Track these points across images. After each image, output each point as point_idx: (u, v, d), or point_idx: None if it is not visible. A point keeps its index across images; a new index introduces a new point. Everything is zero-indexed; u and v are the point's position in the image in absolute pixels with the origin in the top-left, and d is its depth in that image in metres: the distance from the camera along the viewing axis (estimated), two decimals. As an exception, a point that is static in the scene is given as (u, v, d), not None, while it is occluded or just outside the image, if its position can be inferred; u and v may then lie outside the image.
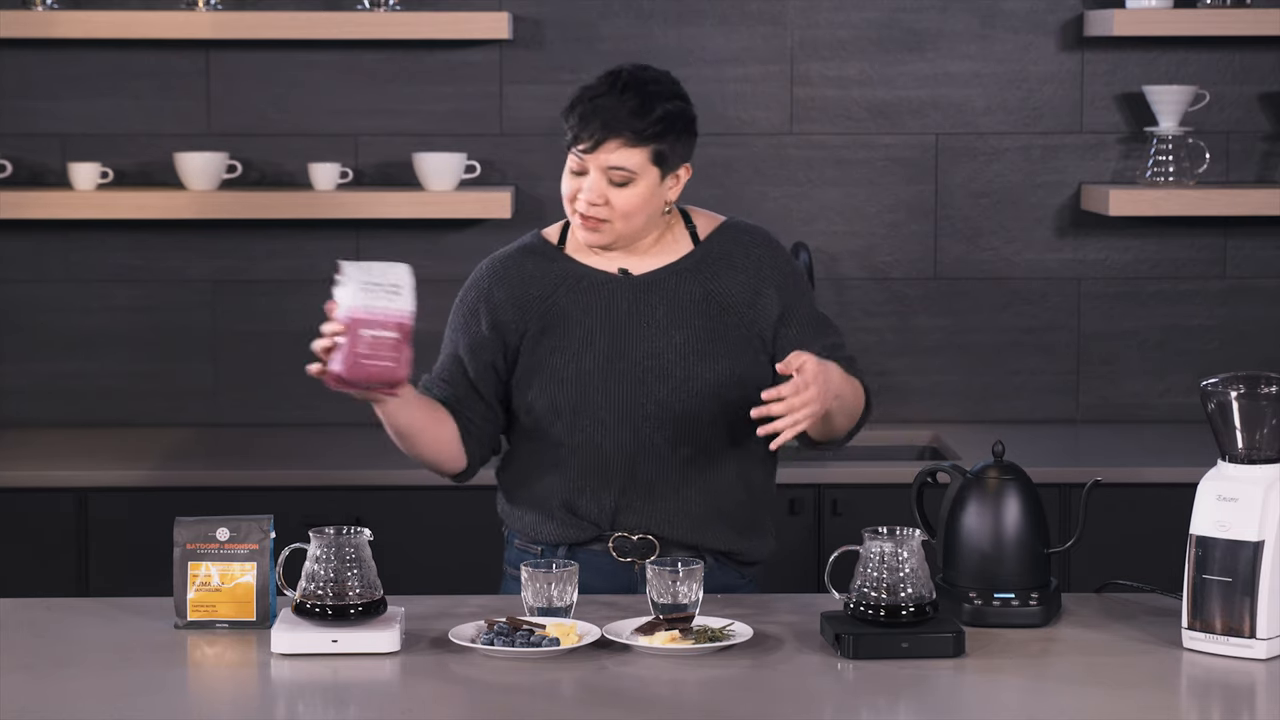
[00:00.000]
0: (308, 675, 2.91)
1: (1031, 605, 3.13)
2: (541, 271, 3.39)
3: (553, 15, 5.01)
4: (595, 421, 3.33)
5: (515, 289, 3.38)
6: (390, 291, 3.08)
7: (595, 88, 3.28)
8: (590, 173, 3.29)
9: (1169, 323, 5.11)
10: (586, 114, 3.26)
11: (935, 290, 5.10)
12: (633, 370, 3.33)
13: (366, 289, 3.07)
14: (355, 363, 3.08)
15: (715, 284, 3.37)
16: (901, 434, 5.01)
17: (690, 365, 3.33)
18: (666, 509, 3.36)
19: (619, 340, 3.34)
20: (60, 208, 4.84)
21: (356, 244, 5.02)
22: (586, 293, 3.37)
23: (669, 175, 3.32)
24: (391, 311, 3.08)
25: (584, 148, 3.27)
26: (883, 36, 5.05)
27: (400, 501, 4.49)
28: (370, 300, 3.07)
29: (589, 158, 3.27)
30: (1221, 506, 2.96)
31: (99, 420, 5.04)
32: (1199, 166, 4.98)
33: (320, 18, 4.84)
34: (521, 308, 3.37)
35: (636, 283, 3.37)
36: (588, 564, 3.33)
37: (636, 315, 3.35)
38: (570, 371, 3.33)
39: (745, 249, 3.41)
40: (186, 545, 3.12)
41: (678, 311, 3.35)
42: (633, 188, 3.28)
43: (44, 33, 4.83)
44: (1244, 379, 2.98)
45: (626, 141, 3.26)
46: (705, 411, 3.34)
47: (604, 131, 3.25)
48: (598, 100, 3.26)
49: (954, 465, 3.25)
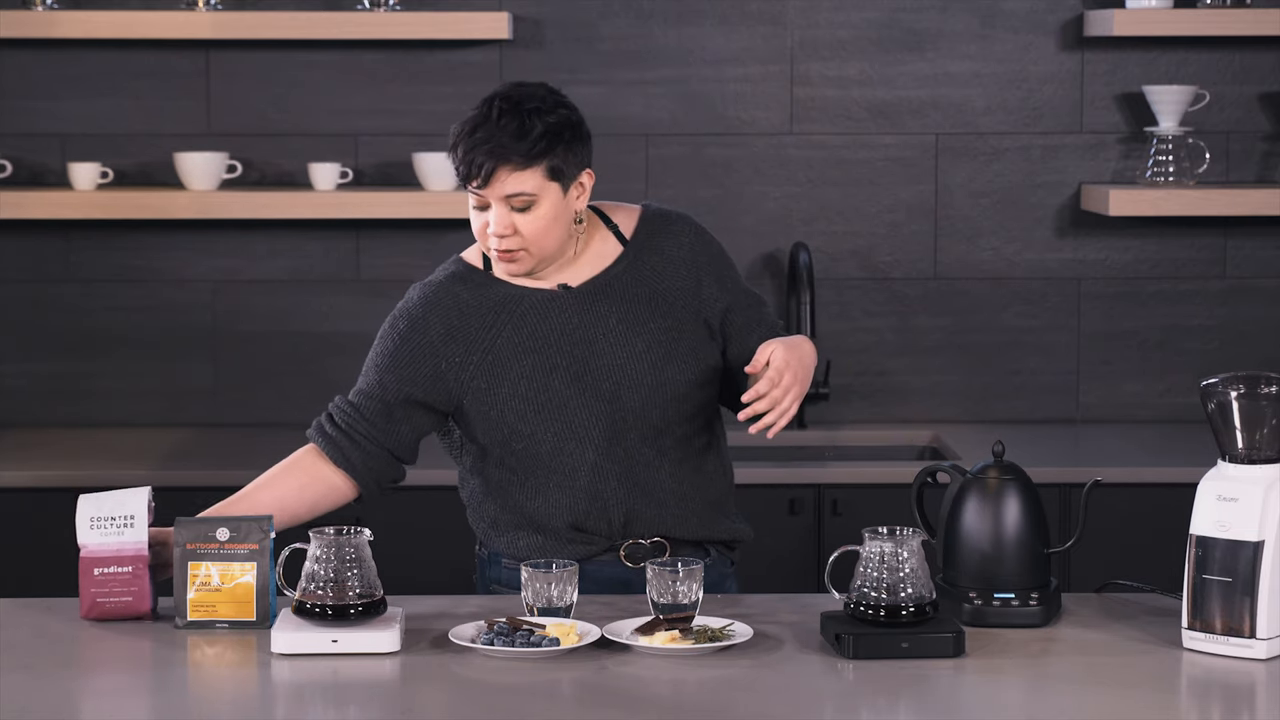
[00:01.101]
0: (308, 675, 2.91)
1: (1031, 605, 3.13)
2: (477, 300, 3.31)
3: (553, 15, 5.01)
4: (582, 441, 3.29)
5: (453, 321, 3.30)
6: (122, 525, 3.15)
7: (472, 120, 3.21)
8: (492, 206, 3.22)
9: (1169, 323, 5.11)
10: (469, 149, 3.18)
11: (935, 290, 5.10)
12: (603, 384, 3.29)
13: (97, 525, 3.15)
14: (92, 603, 3.14)
15: (657, 281, 3.34)
16: (901, 434, 5.01)
17: (657, 371, 3.30)
18: (673, 511, 3.35)
19: (582, 358, 3.29)
20: (60, 208, 4.84)
21: (356, 243, 5.02)
22: (532, 315, 3.30)
23: (571, 186, 3.25)
24: (125, 545, 3.14)
25: (477, 184, 3.20)
26: (883, 36, 5.05)
27: (400, 501, 4.48)
28: (102, 538, 3.15)
29: (485, 191, 3.20)
30: (1221, 506, 2.96)
31: (99, 420, 5.04)
32: (1199, 166, 4.98)
33: (320, 18, 4.84)
34: (464, 342, 3.29)
35: (580, 295, 3.31)
36: (596, 575, 3.32)
37: (590, 328, 3.30)
38: (544, 400, 3.28)
39: (675, 238, 3.37)
40: (186, 545, 3.12)
41: (630, 317, 3.31)
42: (537, 210, 3.21)
43: (44, 33, 4.83)
44: (1244, 379, 2.98)
45: (516, 166, 3.18)
46: (681, 411, 3.34)
47: (491, 161, 3.17)
48: (477, 133, 3.18)
49: (954, 465, 3.25)
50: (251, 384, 5.06)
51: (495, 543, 3.40)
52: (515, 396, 3.28)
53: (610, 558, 3.36)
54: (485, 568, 3.44)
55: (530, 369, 3.28)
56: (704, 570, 3.07)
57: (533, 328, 3.29)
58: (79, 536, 3.15)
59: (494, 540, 3.40)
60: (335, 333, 5.05)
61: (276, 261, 5.04)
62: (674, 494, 3.35)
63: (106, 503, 3.17)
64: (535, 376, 3.28)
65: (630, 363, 3.30)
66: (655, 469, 3.34)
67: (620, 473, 3.32)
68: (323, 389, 5.01)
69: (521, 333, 3.29)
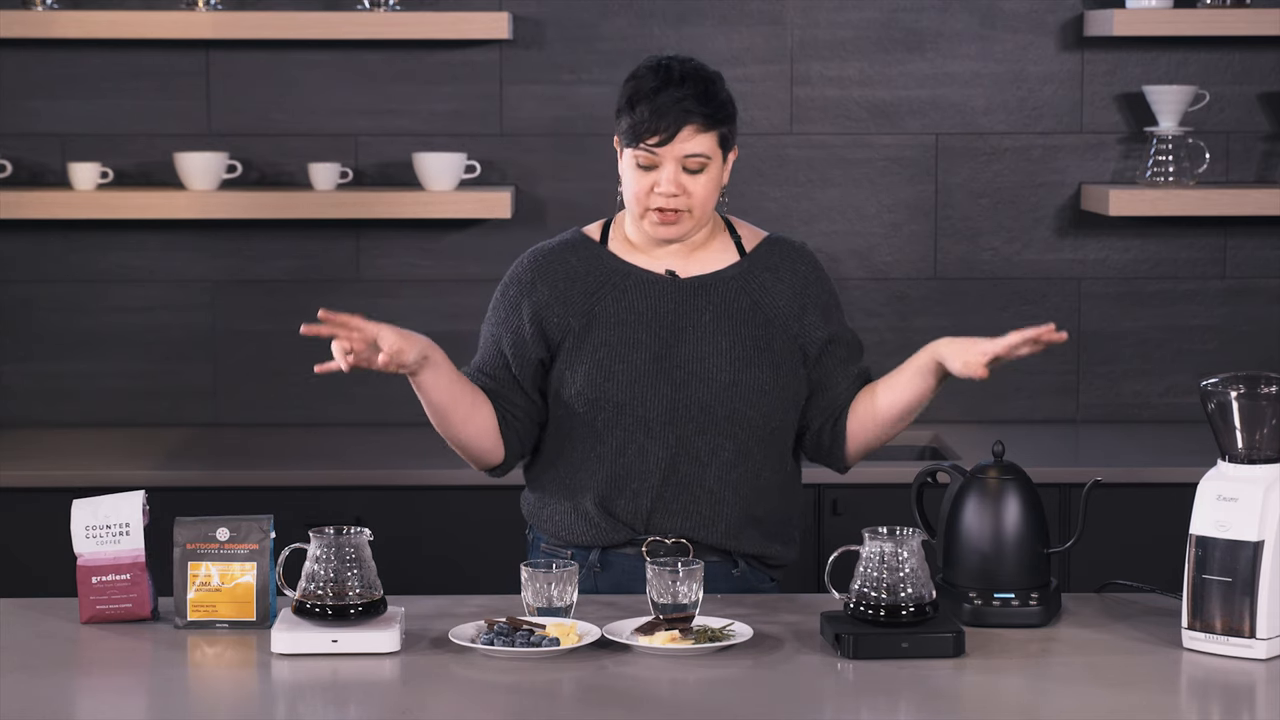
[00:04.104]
0: (308, 675, 2.91)
1: (1031, 605, 3.13)
2: (586, 268, 3.40)
3: (553, 15, 5.01)
4: (638, 420, 3.33)
5: (559, 284, 3.38)
6: (118, 533, 3.17)
7: (651, 80, 3.30)
8: (664, 165, 3.30)
9: (1169, 323, 5.11)
10: (659, 107, 3.28)
11: (935, 290, 5.10)
12: (678, 371, 3.34)
13: (92, 534, 3.17)
14: (93, 610, 3.15)
15: (763, 295, 3.39)
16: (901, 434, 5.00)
17: (736, 371, 3.34)
18: (703, 513, 3.36)
19: (665, 341, 3.35)
20: (60, 208, 4.84)
21: (356, 243, 5.02)
22: (633, 291, 3.38)
23: (729, 157, 3.37)
24: (122, 554, 3.16)
25: (658, 140, 3.28)
26: (883, 36, 5.05)
27: (400, 501, 4.49)
28: (98, 546, 3.16)
29: (664, 150, 3.29)
30: (1221, 506, 2.96)
31: (99, 420, 5.04)
32: (1199, 166, 4.98)
33: (320, 18, 4.84)
34: (566, 303, 3.37)
35: (684, 285, 3.39)
36: (620, 567, 3.33)
37: (683, 317, 3.36)
38: (617, 369, 3.34)
39: (791, 264, 3.44)
40: (186, 545, 3.12)
41: (725, 317, 3.37)
42: (706, 173, 3.32)
43: (44, 33, 4.83)
44: (1244, 379, 2.98)
45: (699, 128, 3.29)
46: (746, 417, 3.35)
47: (679, 120, 3.28)
48: (664, 92, 3.28)
49: (954, 465, 3.25)
50: (251, 384, 5.06)
51: (538, 519, 3.44)
52: (593, 362, 3.34)
53: (635, 551, 3.36)
54: (530, 552, 3.48)
55: (615, 340, 3.35)
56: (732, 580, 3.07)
57: (630, 303, 3.37)
58: (75, 545, 3.16)
59: (536, 518, 3.45)
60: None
61: (276, 261, 5.04)
62: (711, 496, 3.36)
63: (101, 509, 3.17)
64: (617, 347, 3.35)
65: (710, 358, 3.35)
66: (702, 466, 3.35)
67: (664, 461, 3.33)
68: (323, 389, 5.02)
69: (620, 305, 3.37)
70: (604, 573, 3.36)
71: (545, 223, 4.98)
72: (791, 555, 3.46)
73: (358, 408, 5.05)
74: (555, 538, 3.41)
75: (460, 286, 5.04)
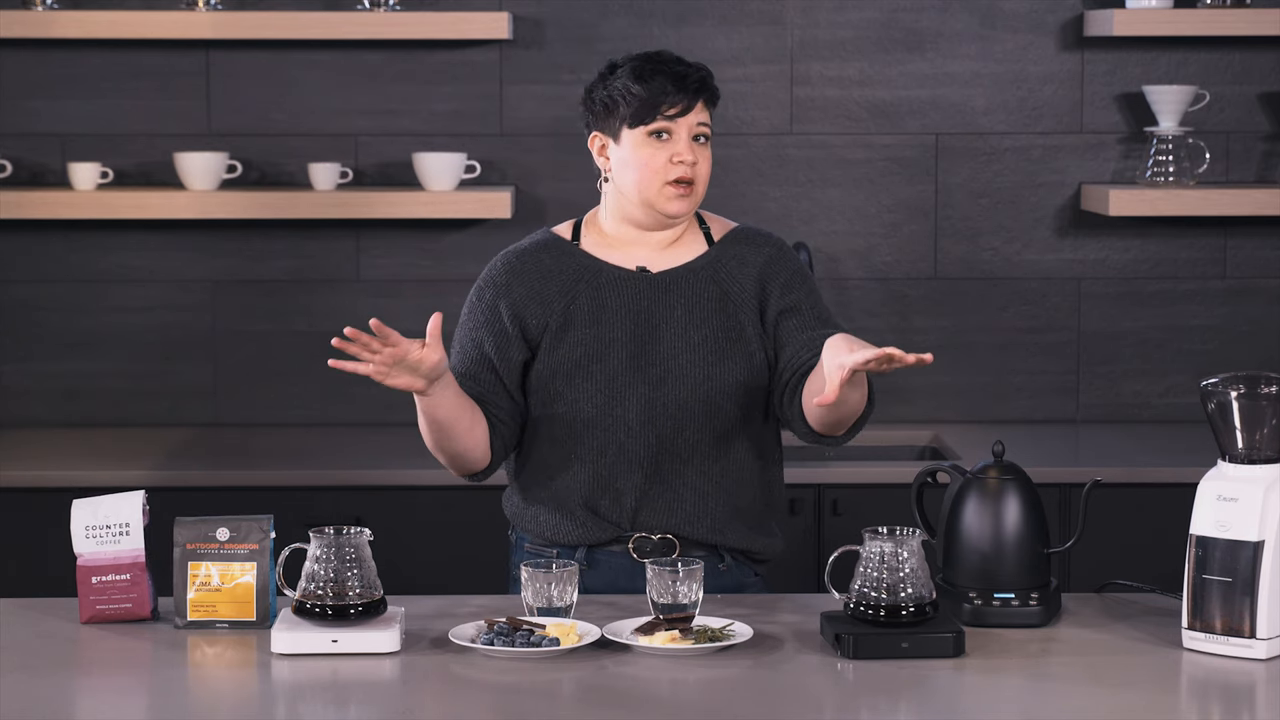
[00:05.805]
0: (308, 675, 2.91)
1: (1031, 605, 3.13)
2: (559, 266, 3.41)
3: (553, 15, 5.01)
4: (617, 420, 3.34)
5: (534, 283, 3.40)
6: (118, 533, 3.17)
7: (651, 61, 3.35)
8: (677, 135, 3.34)
9: (1169, 323, 5.11)
10: (676, 76, 3.33)
11: (935, 290, 5.10)
12: (654, 370, 3.35)
13: (92, 534, 3.17)
14: (93, 610, 3.15)
15: (731, 284, 3.40)
16: (901, 434, 5.01)
17: (709, 366, 3.35)
18: (688, 509, 3.36)
19: (640, 339, 3.36)
20: (60, 208, 4.84)
21: (356, 243, 5.02)
22: (607, 289, 3.39)
23: None
24: (122, 554, 3.16)
25: (678, 110, 3.33)
26: (883, 36, 5.05)
27: (400, 501, 4.49)
28: (98, 547, 3.16)
29: (682, 119, 3.33)
30: (1221, 506, 2.96)
31: (99, 420, 5.04)
32: (1199, 166, 4.98)
33: (320, 18, 4.84)
34: (542, 301, 3.39)
35: (655, 280, 3.40)
36: (607, 565, 3.34)
37: (657, 314, 3.38)
38: (595, 369, 3.35)
39: (756, 248, 3.45)
40: (186, 545, 3.12)
41: (695, 310, 3.38)
42: (709, 147, 3.39)
43: (44, 33, 4.83)
44: (1244, 379, 2.98)
45: (708, 101, 3.38)
46: (724, 410, 3.36)
47: (695, 92, 3.34)
48: (675, 67, 3.35)
49: (954, 465, 3.25)
50: (251, 384, 5.06)
51: (522, 520, 3.44)
52: (570, 360, 3.35)
53: (621, 549, 3.37)
54: (513, 552, 3.48)
55: (591, 338, 3.36)
56: (720, 575, 3.07)
57: (604, 301, 3.38)
58: (75, 545, 3.16)
59: (519, 518, 3.44)
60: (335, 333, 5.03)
61: (276, 261, 5.04)
62: (694, 491, 3.36)
63: (101, 509, 3.17)
64: (593, 346, 3.36)
65: (684, 354, 3.36)
66: (683, 462, 3.35)
67: (645, 458, 3.34)
68: (323, 389, 5.02)
69: (594, 303, 3.38)
70: (591, 570, 3.36)
71: (545, 223, 4.96)
72: (776, 548, 3.45)
73: (358, 408, 5.05)
74: (540, 538, 3.41)
75: (460, 286, 4.99)
